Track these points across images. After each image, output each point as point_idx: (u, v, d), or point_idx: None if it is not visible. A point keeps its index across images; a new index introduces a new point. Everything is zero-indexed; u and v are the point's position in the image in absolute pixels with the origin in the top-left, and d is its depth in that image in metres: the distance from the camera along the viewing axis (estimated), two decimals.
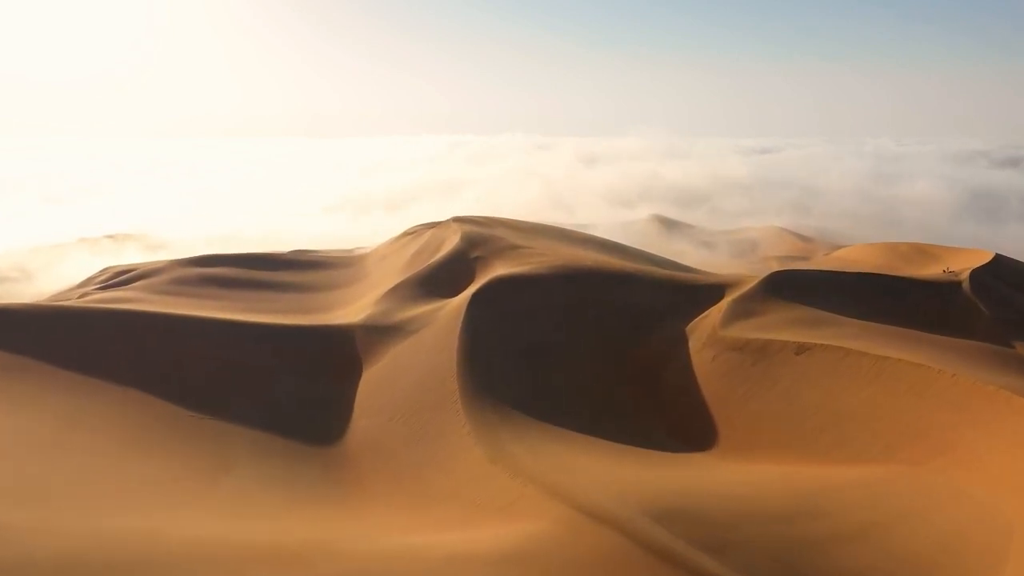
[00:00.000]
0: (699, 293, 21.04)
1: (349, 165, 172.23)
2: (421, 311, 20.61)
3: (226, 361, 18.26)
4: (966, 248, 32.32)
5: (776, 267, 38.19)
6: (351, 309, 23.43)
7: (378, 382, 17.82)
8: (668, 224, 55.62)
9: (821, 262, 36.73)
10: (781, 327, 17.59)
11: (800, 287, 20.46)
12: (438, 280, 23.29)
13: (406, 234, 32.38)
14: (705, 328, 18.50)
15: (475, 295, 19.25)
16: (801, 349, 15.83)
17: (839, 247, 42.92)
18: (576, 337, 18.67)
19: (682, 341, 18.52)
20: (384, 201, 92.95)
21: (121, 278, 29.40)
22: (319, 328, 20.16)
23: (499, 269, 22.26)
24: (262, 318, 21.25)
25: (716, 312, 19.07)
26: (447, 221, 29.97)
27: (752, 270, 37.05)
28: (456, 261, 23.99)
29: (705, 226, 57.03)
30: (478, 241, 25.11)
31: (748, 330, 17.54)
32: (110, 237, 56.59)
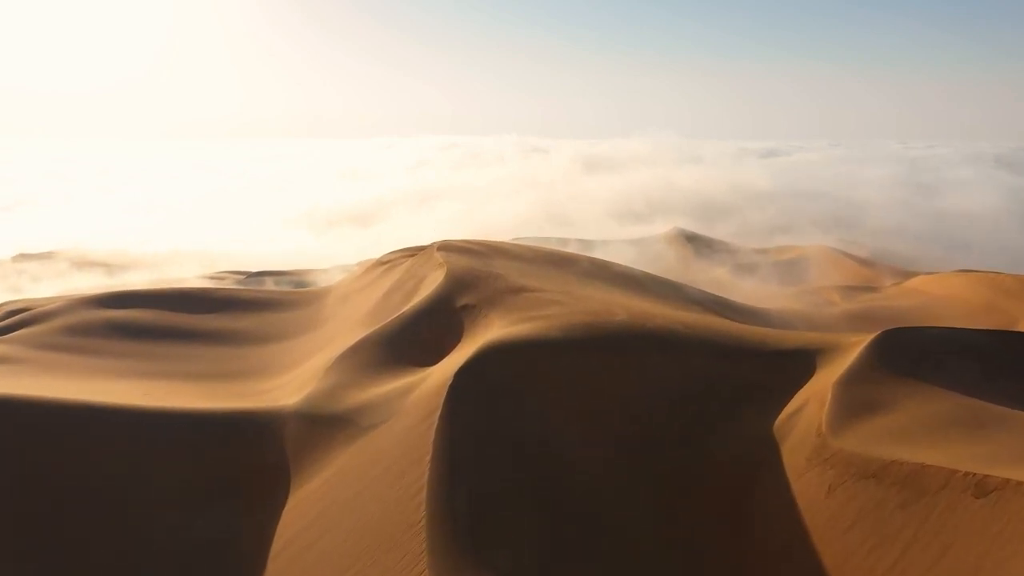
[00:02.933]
0: (780, 364, 15.47)
1: (332, 169, 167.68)
2: (384, 392, 15.04)
3: (76, 477, 12.67)
4: None
5: (838, 299, 32.63)
6: (291, 379, 17.88)
7: (308, 519, 12.22)
8: (694, 242, 49.99)
9: (896, 295, 31.19)
10: (928, 434, 12.01)
11: (930, 357, 14.87)
12: (413, 339, 17.74)
13: (379, 263, 26.86)
14: (805, 430, 12.92)
15: (460, 375, 13.68)
16: (983, 489, 10.22)
17: (908, 273, 37.39)
18: (609, 443, 13.09)
19: (770, 449, 12.95)
20: (359, 212, 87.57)
21: (7, 322, 23.81)
22: (230, 417, 14.56)
23: (496, 326, 16.71)
24: (153, 395, 15.68)
25: (817, 403, 13.49)
26: (430, 248, 24.44)
27: (812, 304, 31.50)
28: (438, 311, 18.44)
29: (736, 243, 51.47)
30: (469, 281, 19.56)
31: (877, 439, 11.95)
32: (45, 255, 51.02)
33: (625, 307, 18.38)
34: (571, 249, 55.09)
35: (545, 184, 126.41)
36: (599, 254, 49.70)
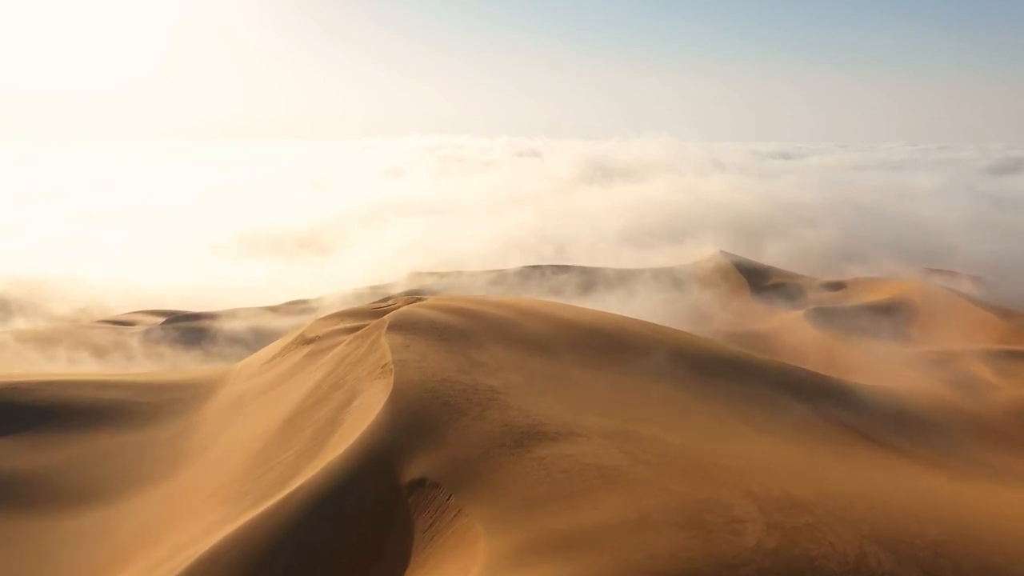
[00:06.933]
0: None
1: (314, 174, 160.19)
2: None
3: None
4: None
5: (990, 374, 23.84)
6: None
7: None
8: (745, 273, 41.23)
9: None
10: None
11: None
12: (308, 562, 9.11)
13: (301, 341, 18.25)
14: None
15: None
16: None
17: None
18: None
19: None
20: (316, 232, 78.88)
21: None
22: None
23: (480, 551, 8.16)
24: None
25: None
26: (377, 325, 15.80)
27: (953, 383, 22.67)
28: (363, 494, 9.83)
29: (798, 274, 42.83)
30: (430, 414, 10.93)
31: None
32: None
33: (744, 483, 9.70)
34: (575, 285, 46.09)
35: (542, 192, 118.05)
36: (620, 292, 41.12)
